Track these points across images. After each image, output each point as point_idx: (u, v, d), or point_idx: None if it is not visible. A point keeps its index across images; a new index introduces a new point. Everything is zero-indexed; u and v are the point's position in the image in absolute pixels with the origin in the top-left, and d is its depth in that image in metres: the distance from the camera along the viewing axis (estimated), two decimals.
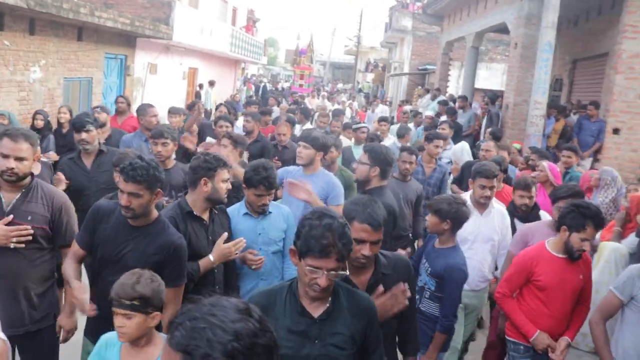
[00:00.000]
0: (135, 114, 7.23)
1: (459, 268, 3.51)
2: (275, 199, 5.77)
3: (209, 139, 6.74)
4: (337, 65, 57.28)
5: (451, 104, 13.18)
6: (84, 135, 4.52)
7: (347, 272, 2.26)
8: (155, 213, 3.07)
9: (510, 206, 4.74)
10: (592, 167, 9.40)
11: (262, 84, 32.70)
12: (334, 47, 57.09)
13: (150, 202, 2.96)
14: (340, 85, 43.81)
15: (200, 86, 19.53)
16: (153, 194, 2.94)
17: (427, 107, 14.79)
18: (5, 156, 3.07)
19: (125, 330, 2.43)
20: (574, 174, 6.47)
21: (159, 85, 16.11)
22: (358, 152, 6.34)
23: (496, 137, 8.30)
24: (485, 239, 4.31)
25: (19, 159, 3.09)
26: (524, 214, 4.68)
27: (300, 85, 18.53)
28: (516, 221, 4.65)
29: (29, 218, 3.13)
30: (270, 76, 53.72)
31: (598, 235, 5.04)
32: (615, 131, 10.18)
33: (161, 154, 4.57)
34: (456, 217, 3.55)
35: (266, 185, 3.48)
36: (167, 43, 15.31)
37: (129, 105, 8.34)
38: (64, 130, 7.27)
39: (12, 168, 3.08)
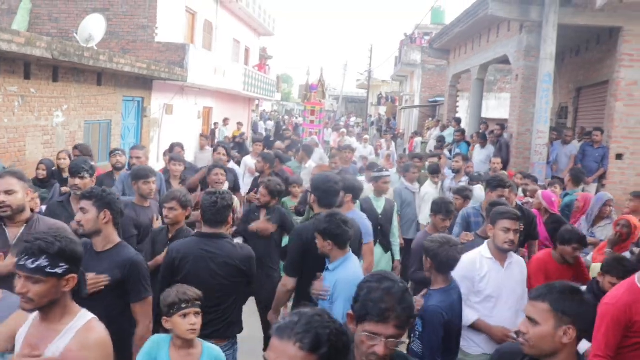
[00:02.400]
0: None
1: (433, 310, 3.41)
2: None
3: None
4: (349, 99, 58.01)
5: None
6: (77, 181, 4.72)
7: (407, 340, 2.27)
8: (116, 239, 3.40)
9: None
10: (597, 193, 9.61)
11: (277, 120, 33.76)
12: (346, 81, 57.75)
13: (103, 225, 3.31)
14: (353, 119, 44.36)
15: (215, 125, 20.06)
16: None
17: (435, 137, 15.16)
18: None
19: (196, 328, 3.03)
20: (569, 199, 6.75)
21: (175, 125, 16.64)
22: (380, 206, 6.19)
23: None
24: (509, 293, 3.96)
25: (9, 192, 3.40)
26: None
27: (312, 122, 18.76)
28: None
29: None
30: (284, 112, 54.55)
31: (589, 257, 5.28)
32: (619, 156, 10.43)
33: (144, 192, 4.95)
34: (435, 256, 3.53)
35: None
36: (182, 84, 15.89)
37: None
38: (65, 176, 6.82)
39: (4, 201, 3.38)
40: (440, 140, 14.13)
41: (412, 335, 3.56)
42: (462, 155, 8.98)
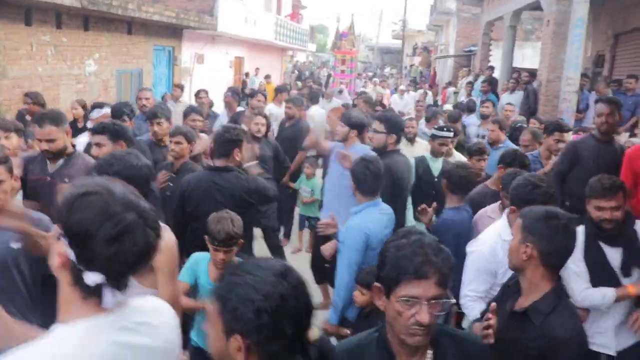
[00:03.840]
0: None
1: (445, 223, 3.90)
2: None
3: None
4: (385, 50, 57.00)
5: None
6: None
7: (453, 300, 1.87)
8: None
9: None
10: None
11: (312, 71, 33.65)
12: (381, 31, 56.72)
13: None
14: (387, 70, 43.74)
15: (247, 74, 20.12)
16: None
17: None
18: (40, 141, 3.72)
19: (220, 257, 3.19)
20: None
21: (206, 74, 16.77)
22: (436, 167, 5.42)
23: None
24: None
25: (50, 141, 3.68)
26: None
27: (342, 72, 18.41)
28: None
29: (66, 180, 3.66)
30: (319, 63, 54.04)
31: None
32: None
33: (157, 133, 5.07)
34: (450, 177, 3.96)
35: None
36: (213, 34, 15.94)
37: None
38: (79, 126, 6.97)
39: (47, 149, 3.70)
40: (470, 84, 14.03)
41: None
42: (492, 101, 8.88)
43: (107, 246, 1.29)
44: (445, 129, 5.53)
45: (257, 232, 5.49)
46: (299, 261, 5.74)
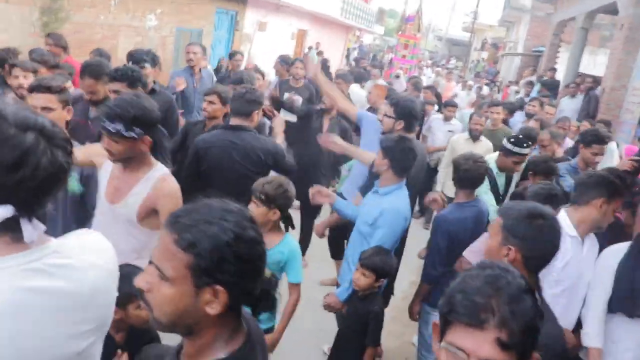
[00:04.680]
0: None
1: (440, 218, 3.71)
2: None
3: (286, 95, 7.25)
4: (453, 42, 55.83)
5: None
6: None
7: None
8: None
9: None
10: None
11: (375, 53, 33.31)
12: (452, 22, 55.56)
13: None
14: (453, 61, 42.89)
15: (310, 48, 19.96)
16: None
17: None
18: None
19: (253, 215, 3.09)
20: None
21: (267, 43, 16.77)
22: (502, 183, 4.79)
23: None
24: (584, 283, 3.18)
25: (92, 92, 3.85)
26: None
27: (403, 56, 18.05)
28: None
29: None
30: (386, 47, 53.38)
31: None
32: None
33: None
34: (456, 169, 3.73)
35: None
36: (278, 2, 15.90)
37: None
38: None
39: (88, 99, 3.86)
40: (530, 84, 13.58)
41: None
42: (540, 99, 8.53)
43: (8, 175, 1.16)
44: (524, 144, 4.53)
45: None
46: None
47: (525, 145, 4.54)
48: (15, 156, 1.16)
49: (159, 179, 2.76)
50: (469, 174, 3.69)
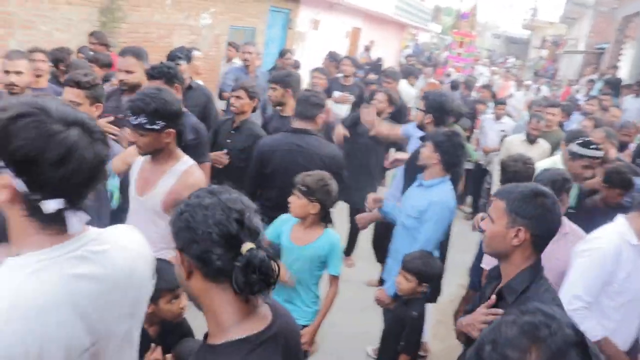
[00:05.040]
0: None
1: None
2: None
3: (336, 93, 7.21)
4: (511, 40, 54.46)
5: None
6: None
7: None
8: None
9: None
10: None
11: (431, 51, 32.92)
12: (511, 20, 54.24)
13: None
14: (511, 60, 41.87)
15: (367, 47, 19.79)
16: None
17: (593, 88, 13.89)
18: (120, 70, 3.96)
19: (293, 206, 3.19)
20: None
21: (321, 41, 16.78)
22: (573, 195, 4.06)
23: None
24: None
25: (129, 72, 3.90)
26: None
27: (458, 54, 17.76)
28: None
29: None
30: (443, 46, 52.63)
31: None
32: None
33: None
34: (503, 170, 3.71)
35: None
36: (331, 0, 15.88)
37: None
38: None
39: (123, 80, 3.93)
40: (591, 82, 13.08)
41: None
42: (598, 98, 8.18)
43: (55, 169, 1.20)
44: (591, 146, 4.00)
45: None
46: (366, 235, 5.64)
47: (593, 147, 4.02)
48: (62, 152, 1.20)
49: (184, 172, 2.86)
50: (517, 176, 3.54)
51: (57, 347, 1.22)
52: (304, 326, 3.22)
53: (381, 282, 4.64)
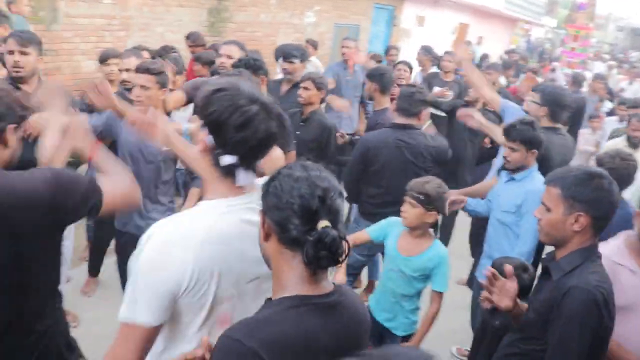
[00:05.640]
0: None
1: None
2: None
3: (436, 89, 7.12)
4: (637, 32, 50.81)
5: None
6: (286, 65, 5.09)
7: None
8: None
9: None
10: None
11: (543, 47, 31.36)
12: (638, 10, 50.50)
13: None
14: (636, 54, 39.07)
15: (468, 43, 19.32)
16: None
17: None
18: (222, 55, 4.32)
19: (407, 215, 3.09)
20: None
21: (426, 38, 16.56)
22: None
23: None
24: None
25: (230, 57, 4.24)
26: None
27: (572, 49, 16.60)
28: None
29: None
30: (559, 41, 50.11)
31: None
32: None
33: None
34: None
35: None
36: None
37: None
38: None
39: (223, 63, 4.23)
40: None
41: None
42: None
43: (235, 132, 1.53)
44: None
45: None
46: (461, 233, 5.54)
47: None
48: (243, 120, 1.52)
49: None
50: (614, 173, 3.30)
51: (231, 272, 1.57)
52: (403, 337, 3.19)
53: (471, 281, 4.55)
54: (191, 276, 1.49)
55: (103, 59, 4.79)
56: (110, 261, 4.35)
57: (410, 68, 6.79)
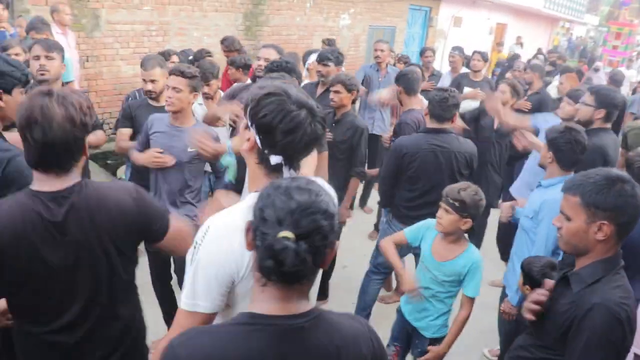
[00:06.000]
0: None
1: None
2: None
3: (466, 89, 7.08)
4: None
5: None
6: (320, 67, 5.18)
7: None
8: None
9: None
10: None
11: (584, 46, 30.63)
12: None
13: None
14: None
15: (499, 44, 19.00)
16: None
17: None
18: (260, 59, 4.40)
19: (441, 221, 3.08)
20: None
21: (463, 38, 16.43)
22: None
23: None
24: None
25: (266, 60, 4.24)
26: None
27: (614, 47, 16.16)
28: None
29: None
30: (602, 39, 48.83)
31: None
32: None
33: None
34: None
35: None
36: None
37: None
38: None
39: (260, 65, 4.27)
40: None
41: None
42: None
43: (284, 136, 1.59)
44: None
45: None
46: (494, 234, 5.50)
47: None
48: (292, 126, 1.59)
49: None
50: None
51: (246, 263, 1.59)
52: (432, 340, 3.18)
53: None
54: (248, 263, 1.57)
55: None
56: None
57: (485, 59, 7.05)
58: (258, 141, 1.64)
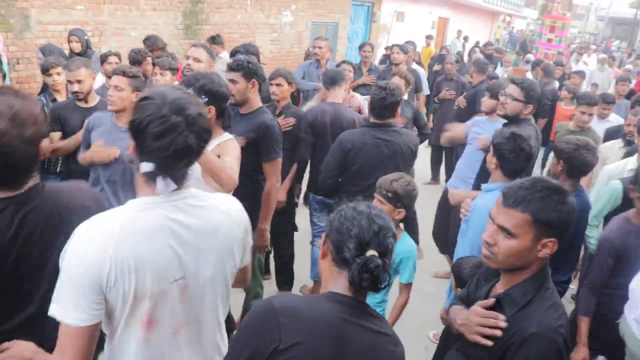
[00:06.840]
0: None
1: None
2: None
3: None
4: (617, 21, 51.12)
5: None
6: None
7: None
8: (258, 103, 3.67)
9: None
10: None
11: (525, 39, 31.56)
12: None
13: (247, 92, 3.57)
14: (616, 43, 39.36)
15: (465, 38, 19.27)
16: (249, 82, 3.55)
17: None
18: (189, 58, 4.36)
19: None
20: None
21: (406, 33, 16.61)
22: None
23: None
24: None
25: (197, 60, 4.30)
26: None
27: (549, 40, 16.68)
28: None
29: None
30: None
31: None
32: None
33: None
34: (569, 159, 3.27)
35: None
36: None
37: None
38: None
39: (189, 64, 4.29)
40: None
41: None
42: None
43: (152, 141, 1.56)
44: None
45: None
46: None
47: None
48: (160, 130, 1.56)
49: (223, 140, 3.07)
50: (584, 164, 3.28)
51: (150, 268, 1.60)
52: None
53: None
54: (110, 267, 1.54)
55: (45, 70, 4.52)
56: None
57: (405, 52, 7.21)
58: (132, 147, 1.64)
